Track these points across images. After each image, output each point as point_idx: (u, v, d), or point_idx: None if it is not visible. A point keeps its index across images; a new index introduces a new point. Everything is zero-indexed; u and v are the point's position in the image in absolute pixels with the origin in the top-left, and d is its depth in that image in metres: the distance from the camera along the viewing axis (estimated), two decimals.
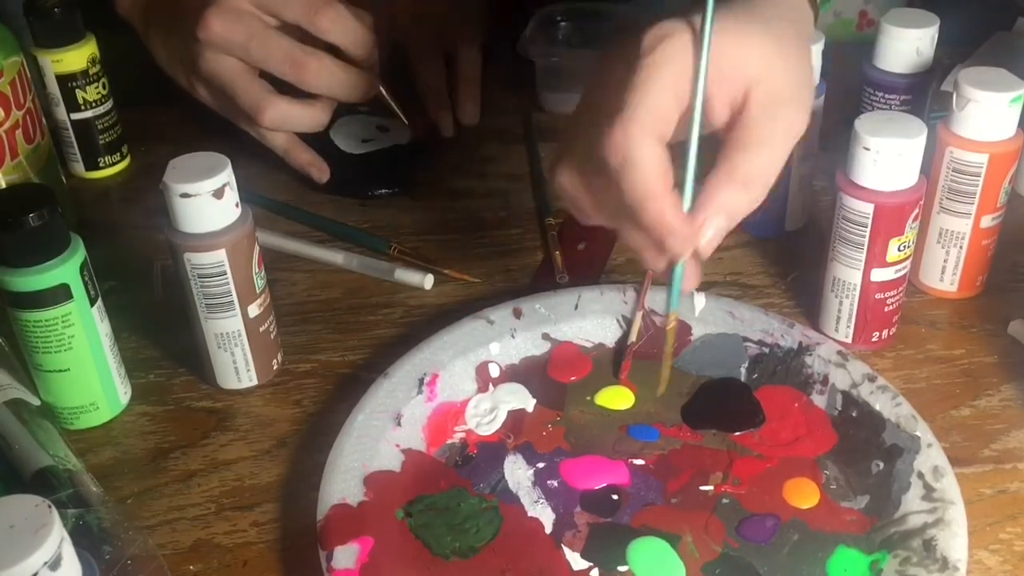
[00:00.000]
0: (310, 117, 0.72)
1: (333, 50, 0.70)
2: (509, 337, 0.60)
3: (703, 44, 0.46)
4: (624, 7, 0.90)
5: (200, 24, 0.67)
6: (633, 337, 0.60)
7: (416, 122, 0.80)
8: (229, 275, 0.55)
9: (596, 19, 0.90)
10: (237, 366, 0.59)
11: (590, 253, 0.70)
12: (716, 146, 0.48)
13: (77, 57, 0.76)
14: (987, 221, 0.62)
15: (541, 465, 0.54)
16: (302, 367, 0.62)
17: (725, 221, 0.47)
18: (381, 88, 0.75)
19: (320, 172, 0.77)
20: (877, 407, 0.54)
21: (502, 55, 0.92)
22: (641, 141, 0.45)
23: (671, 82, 0.46)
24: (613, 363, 0.60)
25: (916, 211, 0.57)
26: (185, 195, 0.53)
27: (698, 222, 0.47)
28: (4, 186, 0.68)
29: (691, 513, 0.51)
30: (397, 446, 0.54)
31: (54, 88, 0.76)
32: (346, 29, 0.69)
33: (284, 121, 0.71)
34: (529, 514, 0.51)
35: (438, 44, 0.87)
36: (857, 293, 0.59)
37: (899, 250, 0.57)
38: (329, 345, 0.63)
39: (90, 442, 0.57)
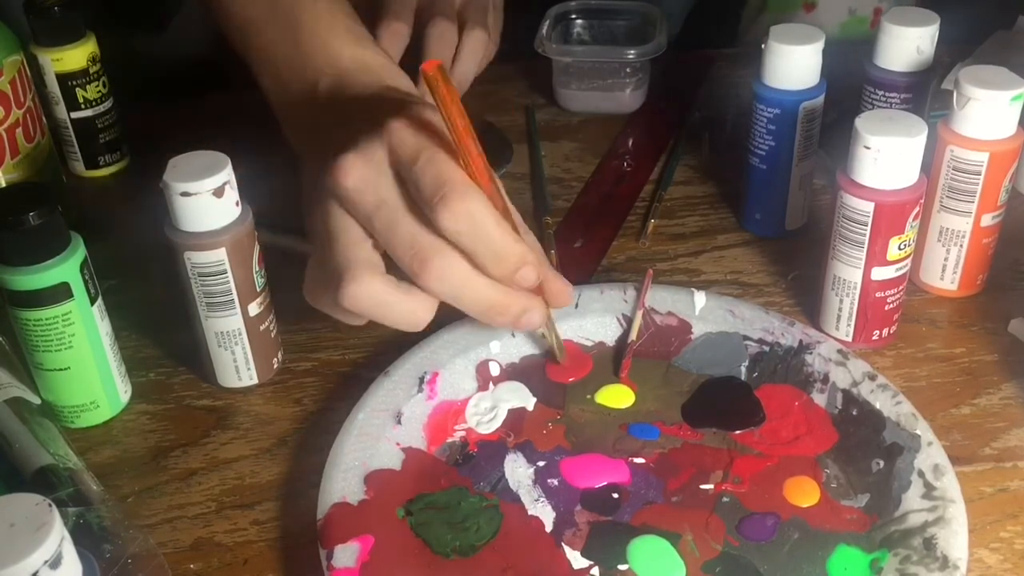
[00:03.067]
0: (408, 311, 0.52)
1: None
2: (509, 335, 0.60)
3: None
4: (637, 3, 0.90)
5: (338, 168, 0.51)
6: (633, 335, 0.60)
7: None
8: (229, 274, 0.55)
9: (610, 16, 0.90)
10: (237, 365, 0.59)
11: (586, 251, 0.71)
12: None
13: (77, 56, 0.76)
14: (987, 219, 0.62)
15: (541, 464, 0.54)
16: (302, 365, 0.62)
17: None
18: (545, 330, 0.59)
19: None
20: (877, 405, 0.54)
21: (512, 53, 0.92)
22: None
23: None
24: (613, 362, 0.60)
25: (917, 210, 0.57)
26: (185, 194, 0.53)
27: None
28: (4, 185, 0.68)
29: (691, 512, 0.51)
30: (397, 444, 0.54)
31: (54, 87, 0.77)
32: (475, 229, 0.49)
33: (371, 306, 0.51)
34: (529, 513, 0.51)
35: (453, 28, 0.79)
36: (857, 292, 0.59)
37: (899, 249, 0.57)
38: (329, 343, 0.63)
39: (90, 441, 0.57)
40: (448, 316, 0.61)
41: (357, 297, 0.51)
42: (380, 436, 0.53)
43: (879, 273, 0.58)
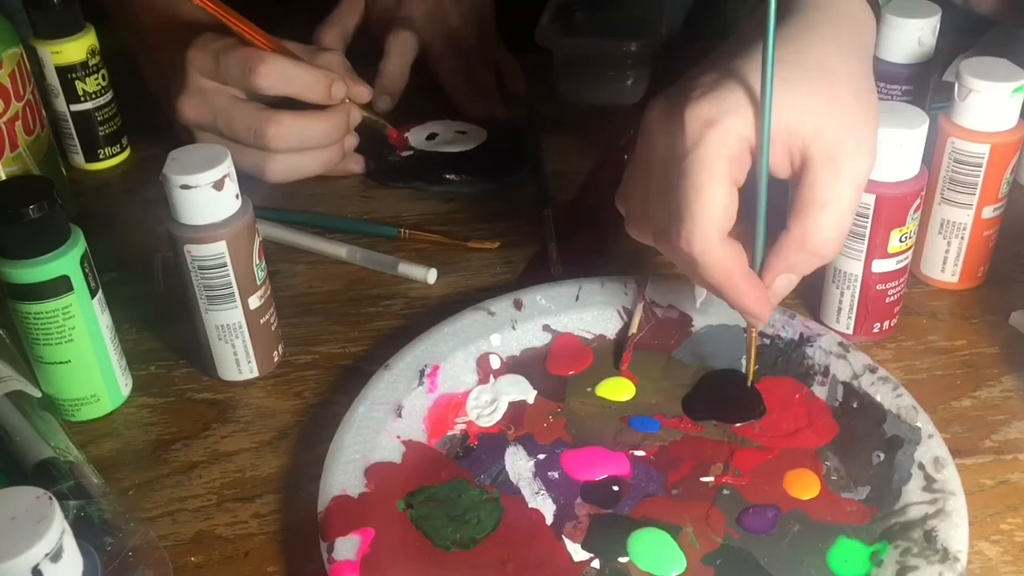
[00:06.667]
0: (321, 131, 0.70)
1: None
2: (510, 328, 0.60)
3: (764, 107, 0.45)
4: None
5: (175, 111, 0.69)
6: (634, 328, 0.60)
7: (402, 130, 0.79)
8: (229, 267, 0.55)
9: (612, 7, 0.90)
10: (238, 358, 0.59)
11: (587, 244, 0.70)
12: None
13: (77, 48, 0.76)
14: (988, 212, 0.61)
15: (542, 456, 0.54)
16: (303, 359, 0.62)
17: (794, 281, 0.50)
18: (364, 112, 0.74)
19: (357, 164, 0.77)
20: (878, 398, 0.54)
21: (515, 45, 0.92)
22: (709, 247, 0.47)
23: (724, 177, 0.46)
24: (614, 354, 0.60)
25: (917, 202, 0.57)
26: (185, 186, 0.53)
27: (769, 285, 0.50)
28: (4, 178, 0.68)
29: (692, 504, 0.51)
30: (398, 437, 0.54)
31: (54, 79, 0.76)
32: (287, 78, 0.68)
33: (295, 137, 0.70)
34: (530, 505, 0.51)
35: (458, 54, 0.88)
36: (858, 284, 0.59)
37: (900, 241, 0.57)
38: (330, 337, 0.63)
39: (91, 434, 0.57)
40: (448, 308, 0.61)
41: (282, 137, 0.68)
42: (380, 429, 0.53)
43: (880, 265, 0.58)
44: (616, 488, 0.52)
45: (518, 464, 0.53)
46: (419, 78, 0.86)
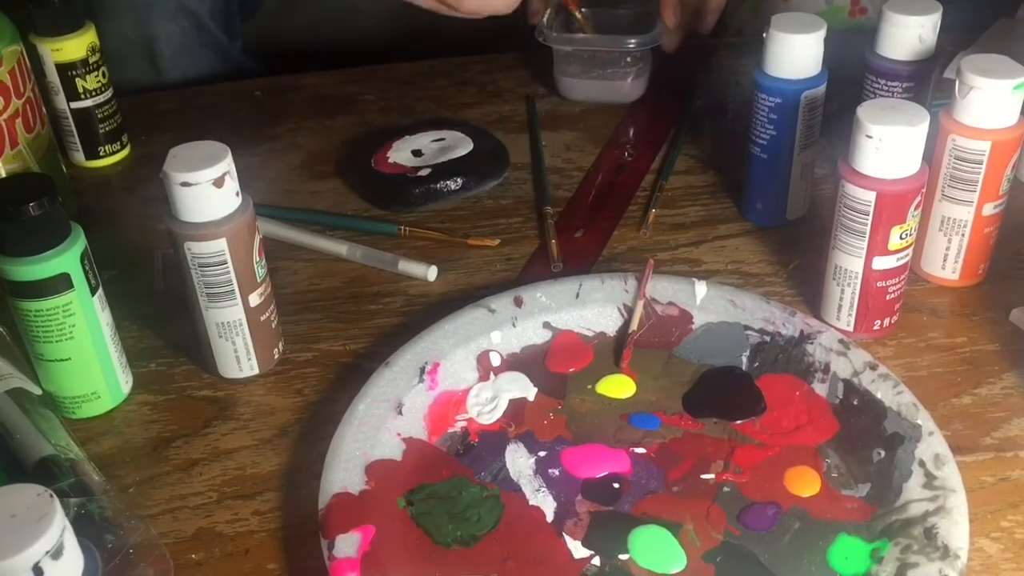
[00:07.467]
0: None
1: None
2: (510, 326, 0.60)
3: None
4: None
5: None
6: (634, 326, 0.60)
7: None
8: (230, 264, 0.55)
9: (612, 5, 0.90)
10: (238, 355, 0.59)
11: (587, 241, 0.70)
12: None
13: (77, 46, 0.76)
14: (989, 209, 0.61)
15: (542, 454, 0.54)
16: (303, 356, 0.62)
17: None
18: None
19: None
20: (878, 395, 0.54)
21: (512, 42, 0.92)
22: None
23: None
24: (614, 352, 0.60)
25: (918, 199, 0.57)
26: (185, 184, 0.53)
27: None
28: (4, 175, 0.68)
29: (692, 501, 0.51)
30: (398, 435, 0.54)
31: (54, 77, 0.76)
32: None
33: None
34: (530, 503, 0.51)
35: None
36: (859, 281, 0.59)
37: (901, 238, 0.57)
38: (330, 334, 0.63)
39: (92, 431, 0.57)
40: (449, 306, 0.61)
41: None
42: (381, 426, 0.53)
43: (880, 262, 0.58)
44: (616, 485, 0.52)
45: (519, 461, 0.53)
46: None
